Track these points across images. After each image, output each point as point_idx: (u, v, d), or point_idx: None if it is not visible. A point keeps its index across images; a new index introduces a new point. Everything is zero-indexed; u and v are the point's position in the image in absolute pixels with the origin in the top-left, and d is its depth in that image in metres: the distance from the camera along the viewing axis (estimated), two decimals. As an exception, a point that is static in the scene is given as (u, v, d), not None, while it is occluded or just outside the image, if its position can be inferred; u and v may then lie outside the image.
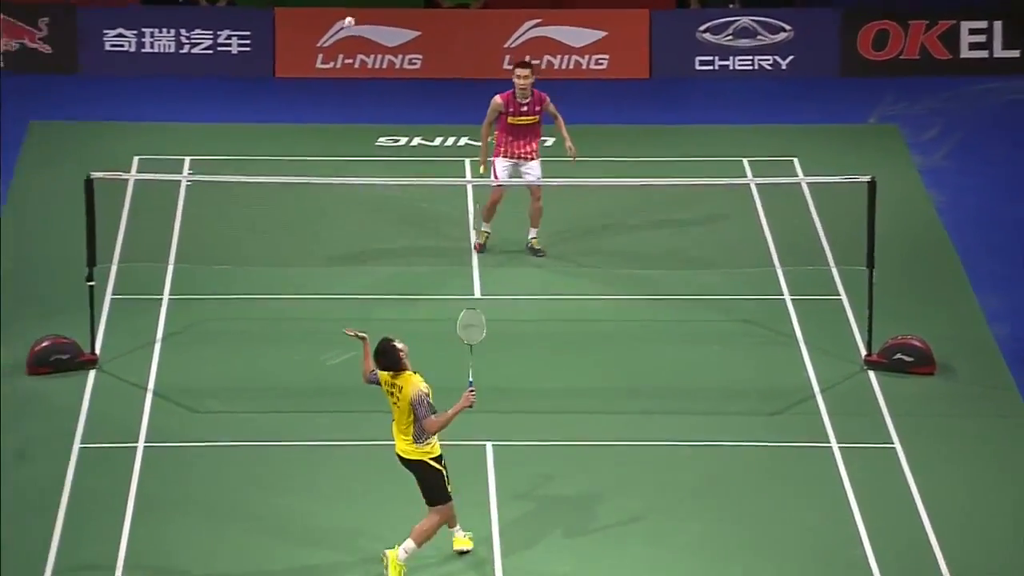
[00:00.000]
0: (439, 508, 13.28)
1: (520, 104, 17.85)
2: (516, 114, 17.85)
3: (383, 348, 13.22)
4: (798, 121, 21.62)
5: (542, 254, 18.14)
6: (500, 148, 17.92)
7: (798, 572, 13.63)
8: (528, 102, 17.86)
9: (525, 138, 17.91)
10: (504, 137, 17.89)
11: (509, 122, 17.83)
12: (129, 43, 22.53)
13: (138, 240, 18.31)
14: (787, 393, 15.94)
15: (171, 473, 14.73)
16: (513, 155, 17.94)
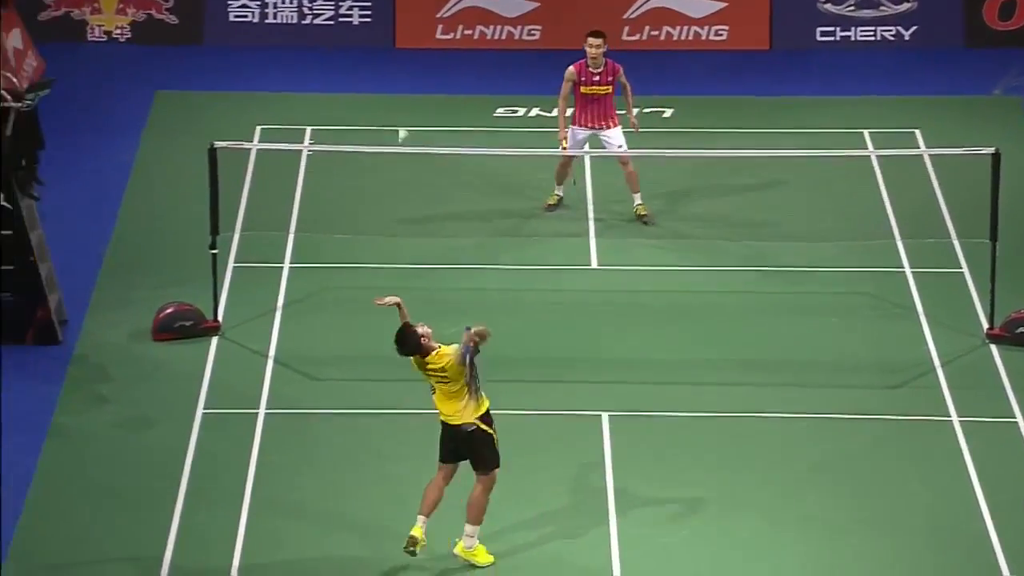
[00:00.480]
0: (488, 477, 12.94)
1: (592, 74, 17.77)
2: (588, 83, 17.80)
3: (402, 337, 12.89)
4: (921, 93, 21.32)
5: (650, 220, 18.01)
6: (576, 117, 17.90)
7: (915, 547, 13.46)
8: (601, 71, 17.78)
9: (600, 108, 17.82)
10: (580, 106, 17.85)
11: (582, 91, 17.80)
12: (253, 14, 22.65)
13: (260, 209, 18.43)
14: (907, 367, 15.75)
15: (291, 439, 14.83)
16: (589, 124, 17.87)
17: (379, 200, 18.75)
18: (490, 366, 15.79)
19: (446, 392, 12.99)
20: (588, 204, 18.60)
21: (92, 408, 15.23)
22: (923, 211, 18.38)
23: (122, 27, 22.58)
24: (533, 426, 14.92)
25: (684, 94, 21.25)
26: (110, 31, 22.56)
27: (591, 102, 17.83)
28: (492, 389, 15.39)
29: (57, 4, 22.49)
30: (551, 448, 14.62)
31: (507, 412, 15.05)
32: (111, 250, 17.72)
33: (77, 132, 19.69)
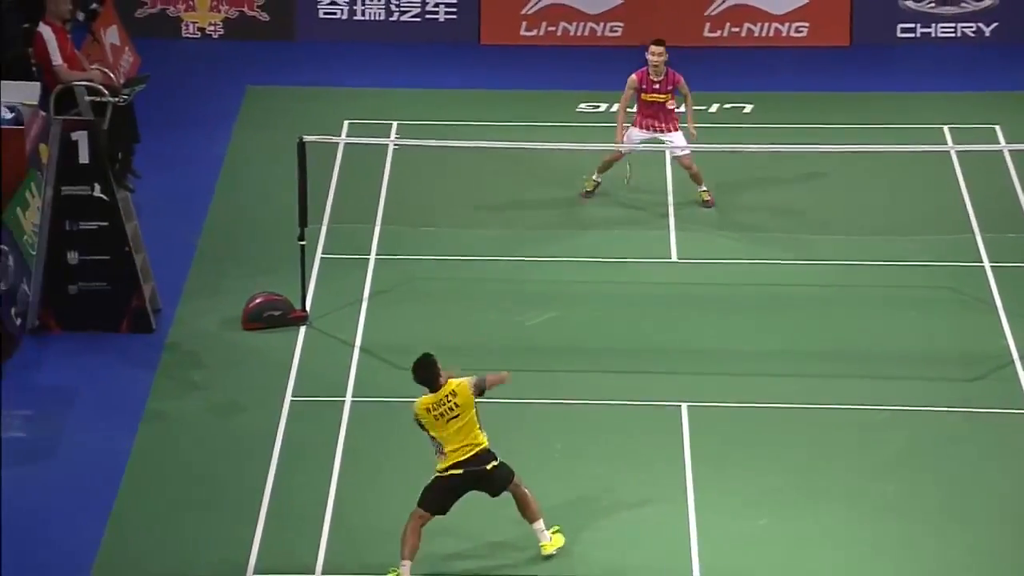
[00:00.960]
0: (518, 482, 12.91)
1: (653, 82, 17.89)
2: (649, 91, 17.95)
3: (425, 361, 12.64)
4: (1001, 88, 21.14)
5: (710, 204, 18.04)
6: (637, 120, 18.08)
7: (993, 538, 13.42)
8: (661, 80, 17.88)
9: (659, 114, 17.97)
10: (640, 112, 18.02)
11: (643, 98, 17.96)
12: (342, 11, 22.79)
13: (347, 201, 18.56)
14: (986, 359, 15.67)
15: (376, 427, 14.93)
16: (648, 128, 18.03)
17: (462, 193, 18.83)
18: (572, 355, 15.93)
19: (456, 428, 12.66)
20: (669, 199, 18.61)
21: (184, 394, 15.40)
22: (1002, 206, 18.24)
23: (215, 24, 22.79)
24: (613, 416, 14.98)
25: (764, 90, 21.19)
26: (203, 27, 22.78)
27: (651, 108, 17.98)
28: (573, 379, 15.52)
29: (153, 1, 22.70)
30: (631, 437, 14.67)
31: (587, 402, 15.17)
32: (203, 241, 17.89)
33: (171, 126, 19.86)
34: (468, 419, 12.70)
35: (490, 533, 13.46)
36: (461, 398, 12.71)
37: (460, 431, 12.73)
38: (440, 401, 12.71)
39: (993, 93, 21.02)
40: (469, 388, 12.71)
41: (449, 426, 12.72)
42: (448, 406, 12.69)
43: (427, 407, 12.73)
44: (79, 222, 16.17)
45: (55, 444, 14.63)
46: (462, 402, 12.70)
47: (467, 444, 12.75)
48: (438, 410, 12.71)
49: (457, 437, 12.74)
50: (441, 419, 12.70)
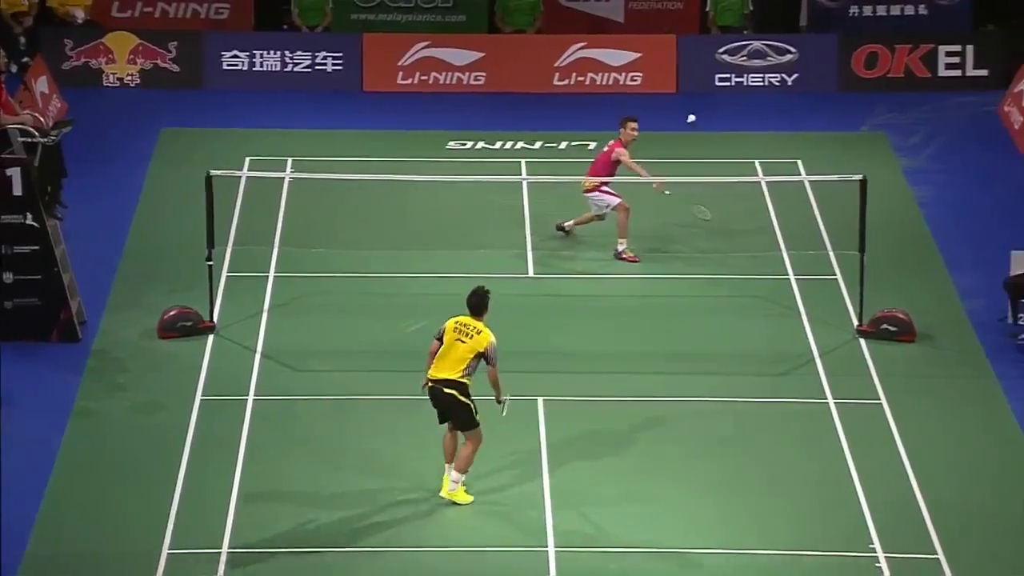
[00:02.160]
0: (473, 433, 13.23)
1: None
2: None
3: (481, 292, 13.38)
4: (802, 129, 21.44)
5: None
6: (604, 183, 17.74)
7: (801, 507, 13.55)
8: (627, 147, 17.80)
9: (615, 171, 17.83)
10: (607, 172, 17.76)
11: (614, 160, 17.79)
12: (243, 63, 22.55)
13: (249, 227, 18.32)
14: (792, 358, 15.82)
15: (276, 422, 14.74)
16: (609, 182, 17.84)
17: (349, 219, 18.67)
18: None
19: (452, 356, 13.15)
20: (526, 224, 18.60)
21: (108, 395, 15.11)
22: (804, 228, 18.45)
23: (132, 74, 22.45)
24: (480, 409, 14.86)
25: (604, 130, 21.27)
26: (122, 77, 22.42)
27: (615, 168, 17.81)
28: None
29: (77, 55, 22.33)
30: (495, 427, 14.58)
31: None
32: (123, 262, 17.57)
33: (94, 163, 19.52)
34: (465, 349, 13.17)
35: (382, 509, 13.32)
36: (481, 336, 13.22)
37: (451, 353, 13.21)
38: (468, 325, 13.28)
39: (795, 133, 21.31)
40: (489, 340, 13.20)
41: (454, 344, 13.22)
42: (468, 332, 13.25)
43: (457, 321, 13.33)
44: (13, 247, 15.83)
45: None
46: (477, 339, 13.19)
47: (440, 370, 13.20)
48: (460, 327, 13.30)
49: (446, 353, 13.23)
50: (454, 334, 13.27)
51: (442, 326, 13.41)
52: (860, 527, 13.25)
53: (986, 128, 21.35)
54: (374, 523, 13.21)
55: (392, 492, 13.61)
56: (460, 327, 13.28)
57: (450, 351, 13.24)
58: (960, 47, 22.54)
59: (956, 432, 14.62)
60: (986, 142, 20.98)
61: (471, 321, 13.30)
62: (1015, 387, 15.28)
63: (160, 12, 23.33)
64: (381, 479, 13.78)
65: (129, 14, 23.24)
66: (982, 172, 20.16)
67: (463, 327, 13.28)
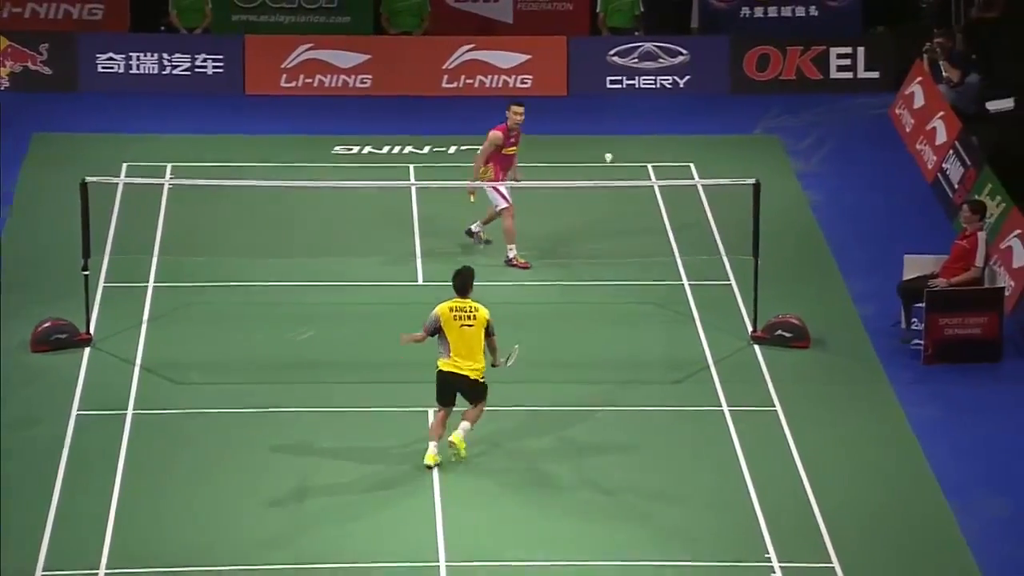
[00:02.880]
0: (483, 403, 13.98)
1: (510, 136, 17.72)
2: (508, 145, 17.73)
3: (467, 271, 13.79)
4: (694, 132, 21.67)
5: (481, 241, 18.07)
6: (498, 175, 17.66)
7: (695, 516, 13.68)
8: (515, 134, 17.76)
9: (512, 165, 17.82)
10: (500, 165, 17.68)
11: (503, 152, 17.68)
12: (119, 65, 22.29)
13: (127, 236, 18.12)
14: (686, 364, 15.98)
15: (156, 437, 14.59)
16: (506, 178, 17.76)
17: (232, 227, 18.53)
18: (332, 368, 15.78)
19: (468, 345, 13.62)
20: (415, 230, 18.59)
21: (-22, 412, 14.83)
22: (697, 233, 18.64)
23: (1, 78, 22.08)
24: (369, 420, 14.87)
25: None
26: (-9, 81, 22.06)
27: (508, 160, 17.72)
28: (333, 389, 15.37)
29: (-58, 57, 21.93)
30: (385, 438, 14.58)
31: (347, 408, 15.04)
32: (-7, 273, 17.29)
33: (-39, 169, 19.17)
34: (477, 336, 13.62)
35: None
36: (480, 314, 13.69)
37: (467, 342, 13.64)
38: (463, 307, 13.67)
39: (688, 136, 21.53)
40: (488, 315, 13.71)
41: (463, 332, 13.64)
42: (468, 314, 13.66)
43: (450, 307, 13.69)
44: None
45: None
46: (479, 317, 13.67)
47: (465, 359, 13.67)
48: (458, 312, 13.64)
49: (462, 344, 13.64)
50: (456, 321, 13.62)
51: (432, 317, 13.73)
52: (755, 536, 13.41)
53: (878, 130, 21.74)
54: (258, 540, 13.12)
55: (277, 508, 13.51)
56: (458, 312, 13.68)
57: (463, 341, 13.67)
58: (851, 49, 22.96)
59: (850, 438, 14.86)
60: (878, 145, 21.37)
61: (464, 302, 13.73)
62: (908, 392, 15.57)
63: (30, 12, 22.96)
64: (265, 495, 13.69)
65: (-3, 15, 22.86)
66: (875, 175, 20.53)
67: (461, 311, 13.68)
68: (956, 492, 13.91)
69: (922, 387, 15.72)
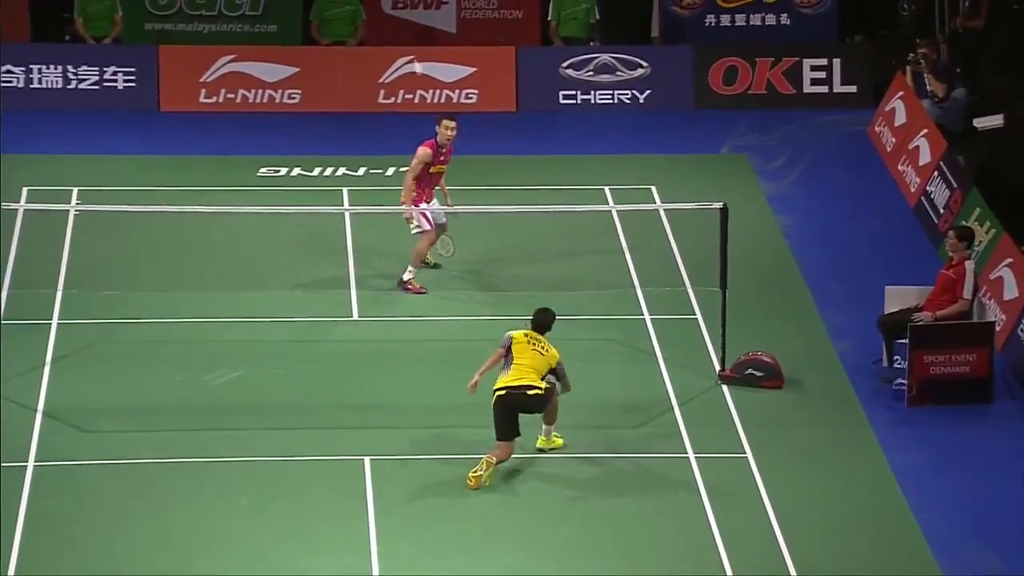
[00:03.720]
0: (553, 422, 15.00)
1: (440, 154, 17.75)
2: (436, 163, 17.75)
3: (545, 311, 14.98)
4: (655, 151, 21.80)
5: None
6: (422, 195, 17.67)
7: (656, 574, 13.70)
8: (445, 152, 17.80)
9: (436, 183, 17.87)
10: (426, 184, 17.72)
11: (431, 171, 17.70)
12: (17, 79, 22.24)
13: (28, 267, 18.04)
14: (648, 406, 16.05)
15: (61, 490, 14.50)
16: (430, 198, 17.81)
17: (146, 257, 18.49)
18: (257, 413, 15.75)
19: (532, 357, 14.68)
20: (349, 260, 18.62)
21: None
22: (659, 262, 18.74)
23: None
24: (299, 471, 14.85)
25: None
26: None
27: (435, 179, 17.74)
28: (258, 436, 15.34)
29: None
30: (316, 491, 14.56)
31: (272, 458, 15.01)
32: None
33: None
34: (543, 361, 14.74)
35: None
36: (551, 353, 14.86)
37: (533, 361, 14.71)
38: (540, 340, 14.87)
39: (648, 156, 21.67)
40: (559, 357, 14.89)
41: (532, 353, 14.78)
42: (541, 347, 14.84)
43: (525, 335, 14.86)
44: None
45: None
46: (549, 353, 14.83)
47: (526, 373, 14.66)
48: (533, 341, 14.82)
49: (527, 359, 14.67)
50: (527, 347, 14.78)
51: (507, 335, 14.77)
52: (724, 594, 13.50)
53: (856, 150, 21.95)
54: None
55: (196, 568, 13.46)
56: (532, 339, 14.82)
57: (526, 358, 14.70)
58: (826, 60, 23.17)
59: (828, 486, 14.95)
60: (856, 165, 21.58)
61: (540, 337, 14.87)
62: (891, 436, 15.70)
63: (-82, 21, 22.90)
64: (183, 553, 13.64)
65: None
66: (852, 199, 20.72)
67: (535, 340, 14.83)
68: (942, 546, 14.02)
69: (906, 430, 15.85)
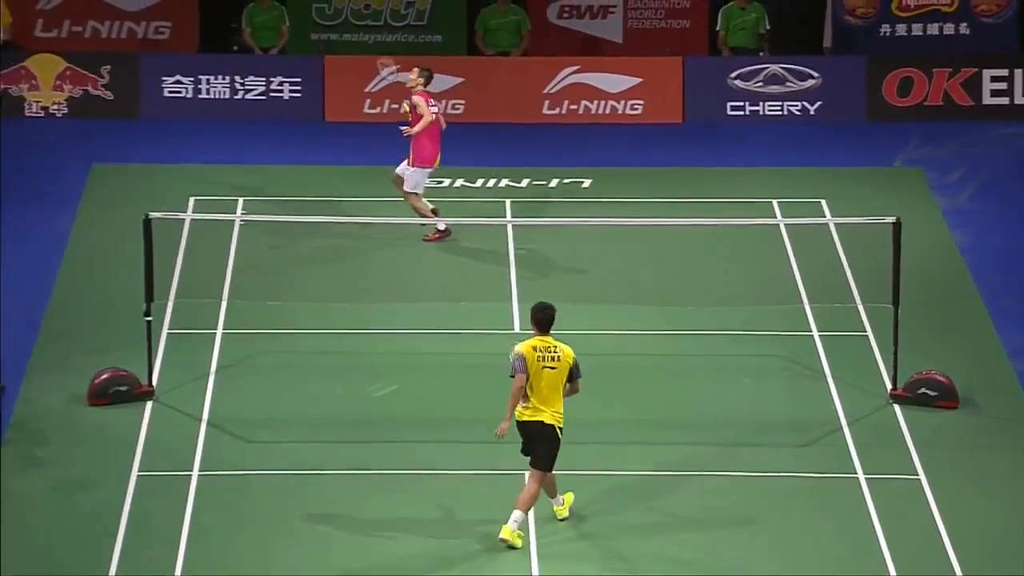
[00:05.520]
0: (545, 475, 13.71)
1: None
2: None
3: (547, 307, 13.67)
4: (826, 164, 21.59)
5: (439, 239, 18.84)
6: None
7: (826, 599, 13.55)
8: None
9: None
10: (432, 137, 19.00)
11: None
12: (187, 89, 22.67)
13: (193, 277, 18.37)
14: (816, 426, 15.87)
15: (223, 500, 14.73)
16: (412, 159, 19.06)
17: (309, 268, 18.73)
18: (417, 426, 15.85)
19: (548, 382, 13.50)
20: (511, 272, 18.68)
21: (29, 471, 15.06)
22: (829, 277, 18.54)
23: (59, 103, 22.54)
24: (457, 484, 14.91)
25: (601, 165, 21.42)
26: (47, 106, 22.51)
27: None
28: (417, 449, 15.44)
29: (-5, 81, 22.47)
30: (475, 505, 14.61)
31: (432, 472, 15.09)
32: (48, 317, 17.58)
33: (15, 204, 19.57)
34: (559, 379, 13.53)
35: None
36: (565, 354, 13.58)
37: (549, 386, 13.53)
38: (547, 347, 13.57)
39: (819, 168, 21.46)
40: (574, 356, 13.59)
41: (544, 374, 13.53)
42: (552, 354, 13.55)
43: (534, 346, 13.57)
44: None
45: None
46: (563, 357, 13.57)
47: (548, 404, 13.53)
48: (542, 353, 13.53)
49: (543, 386, 13.51)
50: (540, 362, 13.53)
51: (517, 355, 13.59)
52: (895, 621, 13.29)
53: (1037, 163, 21.56)
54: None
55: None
56: (541, 353, 13.60)
57: (542, 384, 13.57)
58: (1007, 71, 22.76)
59: (1005, 513, 14.66)
60: (1036, 180, 21.18)
61: (547, 341, 13.64)
62: (1071, 459, 15.36)
63: (91, 32, 23.46)
64: (340, 566, 13.76)
65: (55, 34, 23.37)
66: (1032, 214, 20.35)
67: (544, 351, 13.60)
68: None
69: (1087, 455, 15.50)
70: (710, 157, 21.89)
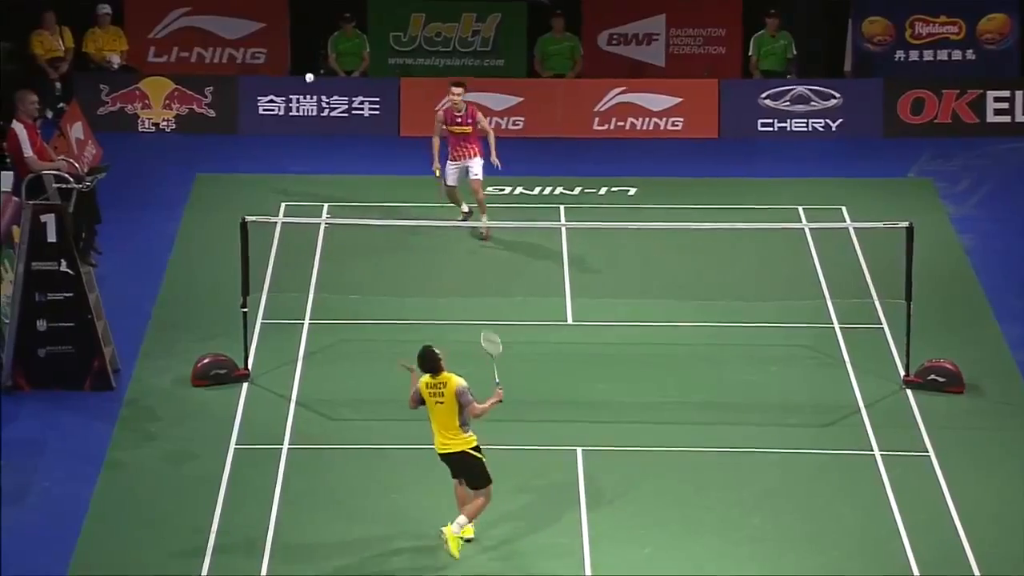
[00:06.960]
0: (485, 490, 13.24)
1: (456, 117, 18.60)
2: (454, 124, 18.70)
3: (427, 353, 13.16)
4: (846, 175, 21.46)
5: (485, 237, 18.75)
6: (453, 152, 18.87)
7: (845, 562, 13.48)
8: (462, 115, 18.51)
9: (463, 142, 18.71)
10: (451, 142, 18.81)
11: (455, 132, 18.76)
12: (279, 107, 22.78)
13: (284, 274, 18.45)
14: (836, 408, 15.78)
15: (310, 471, 14.80)
16: (458, 156, 18.79)
17: (385, 266, 18.78)
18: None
19: (441, 421, 13.11)
20: (565, 270, 18.67)
21: (141, 444, 15.19)
22: (849, 276, 18.43)
23: (168, 119, 22.73)
24: (518, 458, 14.92)
25: (645, 175, 21.38)
26: (158, 123, 22.70)
27: (461, 139, 18.76)
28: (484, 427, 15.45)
29: (113, 101, 22.64)
30: (533, 477, 14.62)
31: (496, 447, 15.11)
32: (157, 309, 17.71)
33: (129, 209, 19.72)
34: (448, 413, 13.05)
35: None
36: (448, 390, 13.09)
37: (440, 419, 13.11)
38: (436, 384, 13.16)
39: (839, 179, 21.34)
40: (456, 388, 13.07)
41: (436, 408, 13.14)
42: (439, 391, 13.11)
43: (426, 383, 13.24)
44: (47, 294, 15.97)
45: (25, 490, 14.34)
46: (447, 393, 13.09)
47: (444, 439, 13.15)
48: (432, 390, 13.17)
49: (438, 423, 13.15)
50: (431, 399, 13.17)
51: (416, 388, 13.25)
52: (907, 583, 13.19)
53: (1035, 175, 21.33)
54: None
55: (423, 547, 13.60)
56: (431, 389, 13.17)
57: (437, 417, 13.17)
58: (1009, 92, 22.58)
59: (1007, 487, 14.53)
60: (1035, 189, 20.96)
61: (433, 379, 13.15)
62: (1066, 441, 15.19)
63: (196, 57, 23.62)
64: (412, 534, 13.78)
65: (165, 59, 23.55)
66: (1031, 219, 20.13)
67: (432, 387, 13.15)
68: (1117, 544, 13.52)
69: (1081, 437, 15.33)
70: (742, 169, 21.80)
